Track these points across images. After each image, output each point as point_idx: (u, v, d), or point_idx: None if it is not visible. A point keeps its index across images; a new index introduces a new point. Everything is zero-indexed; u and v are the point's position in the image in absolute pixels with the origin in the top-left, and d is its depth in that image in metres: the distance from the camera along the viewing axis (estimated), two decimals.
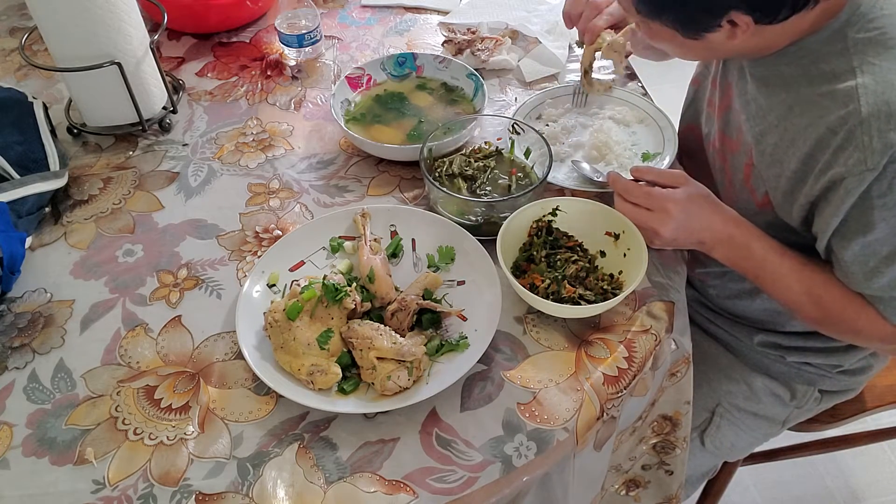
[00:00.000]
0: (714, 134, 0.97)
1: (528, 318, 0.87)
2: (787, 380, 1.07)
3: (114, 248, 0.95)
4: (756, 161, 0.86)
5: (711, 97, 0.98)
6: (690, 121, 1.05)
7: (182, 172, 1.06)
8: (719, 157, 0.95)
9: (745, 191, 0.90)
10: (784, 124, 0.81)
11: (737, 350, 1.09)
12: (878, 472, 1.69)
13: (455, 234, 0.92)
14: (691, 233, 0.84)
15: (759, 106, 0.85)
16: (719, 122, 0.94)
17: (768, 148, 0.83)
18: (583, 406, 0.78)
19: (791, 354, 1.04)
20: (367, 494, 0.71)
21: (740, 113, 0.89)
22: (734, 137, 0.91)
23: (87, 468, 0.73)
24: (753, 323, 1.05)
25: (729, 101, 0.92)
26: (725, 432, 1.11)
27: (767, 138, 0.84)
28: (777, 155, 0.82)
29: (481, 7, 1.34)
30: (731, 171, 0.92)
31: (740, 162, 0.90)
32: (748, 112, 0.87)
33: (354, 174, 1.06)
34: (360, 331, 0.80)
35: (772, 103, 0.83)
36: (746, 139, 0.88)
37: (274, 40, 1.31)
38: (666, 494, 1.07)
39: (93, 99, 1.07)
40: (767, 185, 0.86)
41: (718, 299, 1.08)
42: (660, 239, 0.84)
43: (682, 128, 1.08)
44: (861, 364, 1.06)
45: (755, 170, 0.87)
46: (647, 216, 0.84)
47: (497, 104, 1.17)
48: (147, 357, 0.83)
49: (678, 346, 0.89)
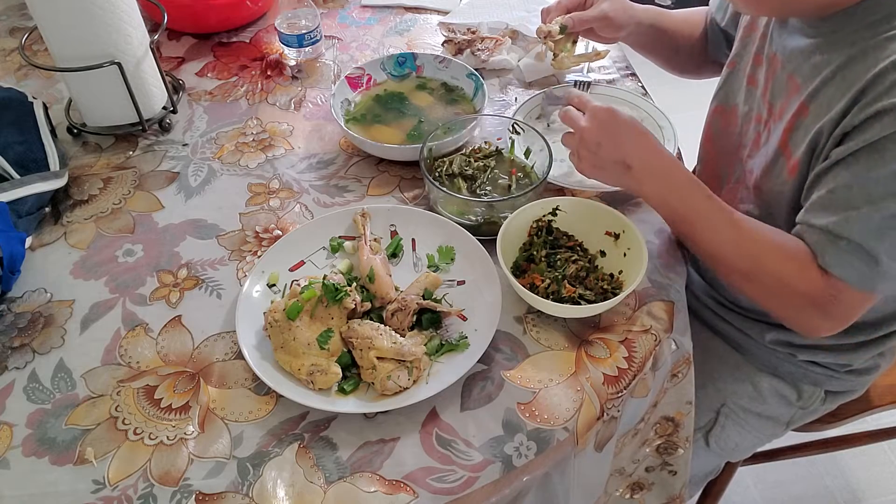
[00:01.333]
0: (758, 108, 0.95)
1: (528, 317, 0.87)
2: (795, 380, 1.07)
3: (114, 248, 0.95)
4: (808, 120, 0.83)
5: (753, 74, 0.96)
6: (720, 102, 1.04)
7: (182, 172, 1.06)
8: (766, 129, 0.93)
9: (781, 157, 0.87)
10: (842, 73, 0.79)
11: (745, 349, 1.08)
12: (878, 472, 1.69)
13: (455, 234, 0.92)
14: (616, 146, 0.84)
15: (813, 65, 0.83)
16: (767, 95, 0.92)
17: (824, 101, 0.81)
18: (583, 406, 0.78)
19: (801, 353, 1.04)
20: (367, 494, 0.71)
21: (790, 79, 0.87)
22: (777, 107, 0.90)
23: (87, 468, 0.73)
24: (765, 317, 1.05)
25: (775, 70, 0.90)
26: (730, 433, 1.11)
27: (823, 92, 0.81)
28: (832, 104, 0.79)
29: (481, 7, 1.34)
30: (771, 141, 0.90)
31: (780, 128, 0.88)
32: (801, 75, 0.85)
33: (354, 174, 1.06)
34: (360, 331, 0.80)
35: (831, 58, 0.81)
36: (792, 104, 0.86)
37: (274, 40, 1.31)
38: (670, 495, 1.07)
39: (93, 99, 1.07)
40: (806, 140, 0.82)
41: (732, 292, 1.08)
42: (584, 147, 0.86)
43: (710, 110, 1.07)
44: (868, 364, 1.06)
45: (794, 133, 0.85)
46: (576, 118, 0.87)
47: (497, 104, 1.17)
48: (147, 357, 0.83)
49: (678, 347, 0.89)
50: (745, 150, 0.97)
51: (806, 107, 0.83)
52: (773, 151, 0.89)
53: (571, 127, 0.88)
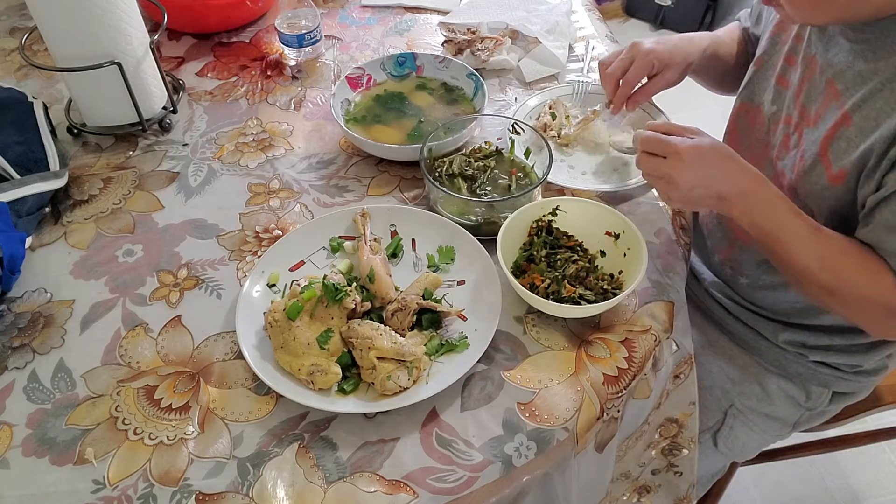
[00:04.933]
0: (787, 109, 0.95)
1: (528, 317, 0.87)
2: (803, 381, 1.07)
3: (114, 248, 0.95)
4: (851, 131, 0.83)
5: (784, 74, 0.95)
6: (745, 99, 1.03)
7: (182, 172, 1.06)
8: (796, 132, 0.92)
9: (819, 165, 0.87)
10: (891, 86, 0.78)
11: (755, 348, 1.08)
12: (878, 472, 1.69)
13: (455, 234, 0.92)
14: (709, 183, 0.82)
15: (857, 73, 0.82)
16: (800, 98, 0.92)
17: (872, 113, 0.80)
18: (583, 406, 0.78)
19: (814, 353, 1.03)
20: (367, 494, 0.71)
21: (829, 85, 0.86)
22: (812, 112, 0.89)
23: (87, 468, 0.73)
24: (781, 316, 1.04)
25: (812, 74, 0.89)
26: (738, 433, 1.11)
27: (870, 104, 0.81)
28: (881, 119, 0.79)
29: (481, 7, 1.34)
30: (805, 146, 0.90)
31: (817, 135, 0.87)
32: (843, 82, 0.84)
33: (354, 174, 1.06)
34: (360, 331, 0.80)
35: (877, 67, 0.80)
36: (831, 111, 0.85)
37: (274, 40, 1.31)
38: (677, 496, 1.07)
39: (93, 99, 1.07)
40: (854, 153, 0.82)
41: (749, 289, 1.06)
42: (676, 190, 0.83)
43: (735, 107, 1.07)
44: (877, 364, 1.06)
45: (836, 142, 0.84)
46: (660, 163, 0.83)
47: (497, 104, 1.17)
48: (147, 357, 0.83)
49: (679, 347, 0.89)
50: (773, 150, 0.96)
51: (849, 116, 0.82)
52: (810, 158, 0.88)
53: (656, 174, 0.85)
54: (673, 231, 0.97)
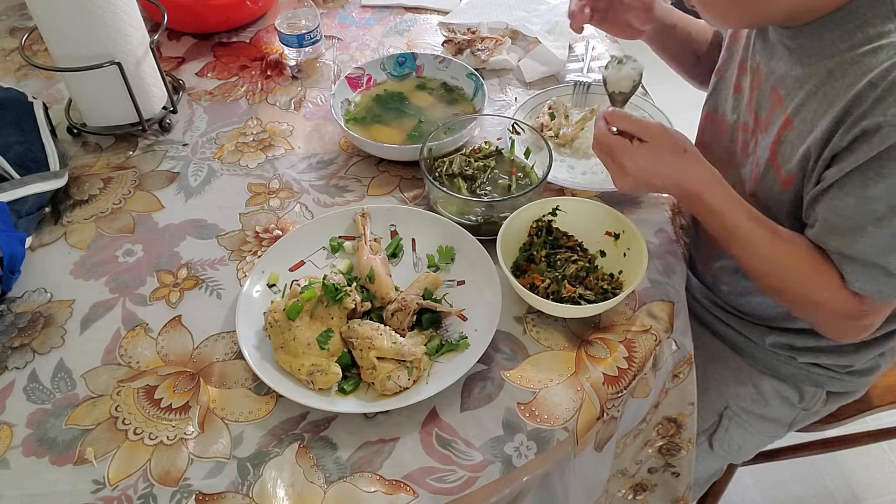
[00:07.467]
0: (744, 116, 0.96)
1: (528, 317, 0.87)
2: (796, 382, 1.07)
3: (114, 248, 0.95)
4: (793, 134, 0.84)
5: (739, 82, 0.96)
6: (710, 110, 1.04)
7: (182, 172, 1.06)
8: (753, 138, 0.93)
9: (771, 169, 0.88)
10: (823, 89, 0.79)
11: (746, 352, 1.08)
12: (878, 472, 1.68)
13: (455, 234, 0.92)
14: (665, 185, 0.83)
15: (795, 78, 0.84)
16: (752, 105, 0.93)
17: (808, 116, 0.82)
18: (583, 406, 0.78)
19: (802, 355, 1.04)
20: (367, 494, 0.71)
21: (773, 91, 0.88)
22: (763, 118, 0.90)
23: (87, 468, 0.73)
24: (766, 321, 1.05)
25: (759, 81, 0.91)
26: (733, 435, 1.11)
27: (806, 107, 0.82)
28: (815, 121, 0.80)
29: (481, 7, 1.34)
30: (759, 151, 0.91)
31: (768, 140, 0.88)
32: (784, 87, 0.85)
33: (354, 174, 1.06)
34: (360, 331, 0.80)
35: (810, 72, 0.81)
36: (777, 116, 0.86)
37: (274, 40, 1.31)
38: (673, 496, 1.07)
39: (93, 99, 1.07)
40: (796, 156, 0.83)
41: (731, 296, 1.07)
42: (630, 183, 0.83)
43: (702, 117, 1.07)
44: (869, 364, 1.06)
45: (782, 146, 0.85)
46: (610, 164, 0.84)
47: (497, 104, 1.17)
48: (147, 357, 0.83)
49: (679, 347, 0.89)
50: (737, 158, 0.97)
51: (790, 120, 0.84)
52: (763, 162, 0.89)
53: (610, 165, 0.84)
54: (673, 231, 0.97)
